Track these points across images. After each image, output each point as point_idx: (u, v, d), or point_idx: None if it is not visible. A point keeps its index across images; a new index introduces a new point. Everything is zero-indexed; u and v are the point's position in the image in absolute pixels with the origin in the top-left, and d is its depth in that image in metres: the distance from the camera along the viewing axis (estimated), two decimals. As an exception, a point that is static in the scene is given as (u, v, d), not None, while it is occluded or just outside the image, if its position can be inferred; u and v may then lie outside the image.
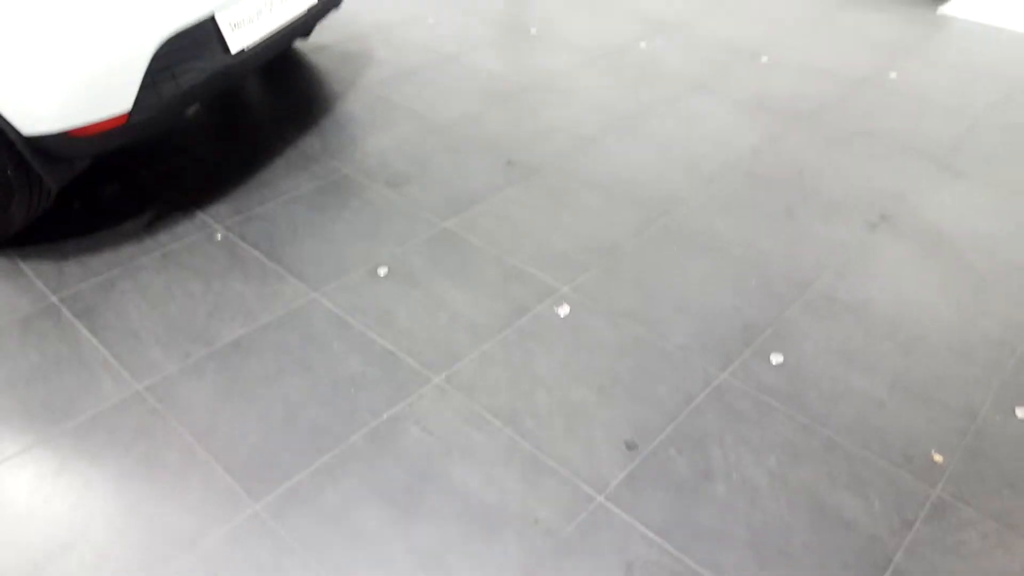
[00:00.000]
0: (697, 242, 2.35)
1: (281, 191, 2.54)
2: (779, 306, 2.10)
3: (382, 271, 2.20)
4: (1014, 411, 1.81)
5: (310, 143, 2.82)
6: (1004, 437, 1.75)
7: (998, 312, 2.10)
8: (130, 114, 2.09)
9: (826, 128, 2.99)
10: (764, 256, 2.29)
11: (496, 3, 4.17)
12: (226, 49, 2.33)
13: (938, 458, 1.70)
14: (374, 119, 3.01)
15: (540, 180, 2.64)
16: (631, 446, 1.70)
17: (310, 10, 2.70)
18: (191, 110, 2.98)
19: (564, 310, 2.07)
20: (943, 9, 4.14)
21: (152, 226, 2.36)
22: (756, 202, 2.54)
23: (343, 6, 3.15)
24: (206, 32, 2.25)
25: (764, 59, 3.54)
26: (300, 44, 3.53)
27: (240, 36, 2.37)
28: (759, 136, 2.93)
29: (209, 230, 2.35)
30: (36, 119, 1.95)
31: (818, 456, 1.69)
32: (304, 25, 2.75)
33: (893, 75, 3.40)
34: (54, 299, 2.08)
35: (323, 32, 3.55)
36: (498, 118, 3.04)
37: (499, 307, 2.08)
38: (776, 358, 1.93)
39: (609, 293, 2.14)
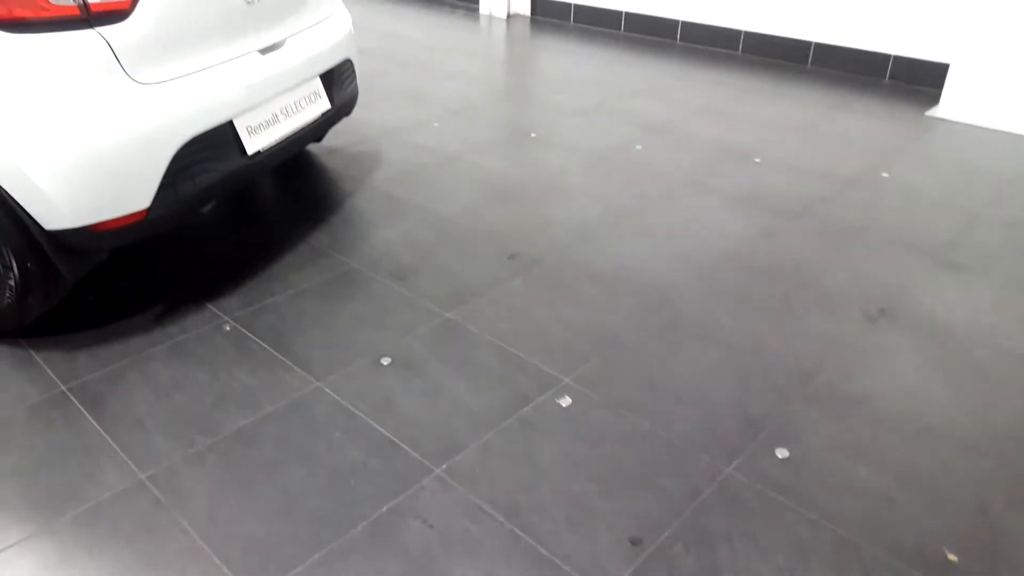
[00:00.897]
0: (697, 333, 2.38)
1: (290, 284, 2.60)
2: (782, 399, 2.11)
3: (385, 361, 2.23)
4: (1025, 505, 1.79)
5: (319, 238, 2.90)
6: (1019, 535, 1.71)
7: (1004, 405, 2.10)
8: (149, 210, 2.18)
9: (821, 224, 3.07)
10: (765, 348, 2.31)
11: (498, 111, 4.38)
12: (243, 151, 2.44)
13: (952, 558, 1.66)
14: (380, 215, 3.11)
15: (541, 272, 2.70)
16: (636, 542, 1.67)
17: (323, 115, 2.85)
18: (207, 206, 3.08)
19: (566, 401, 2.08)
20: (931, 112, 4.32)
21: (162, 318, 2.41)
22: (754, 294, 2.59)
23: (353, 113, 3.32)
24: (224, 135, 2.37)
25: (757, 160, 3.68)
26: (313, 146, 3.69)
27: (257, 140, 2.49)
28: (755, 230, 3.01)
29: (218, 322, 2.39)
30: (59, 215, 2.04)
31: (828, 554, 1.65)
32: (317, 130, 2.90)
33: (885, 174, 3.52)
34: (63, 388, 2.10)
35: (335, 136, 3.72)
36: (499, 213, 3.13)
37: (501, 397, 2.09)
38: (782, 452, 1.92)
39: (611, 384, 2.15)
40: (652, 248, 2.88)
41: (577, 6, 6.16)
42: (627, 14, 5.88)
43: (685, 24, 5.60)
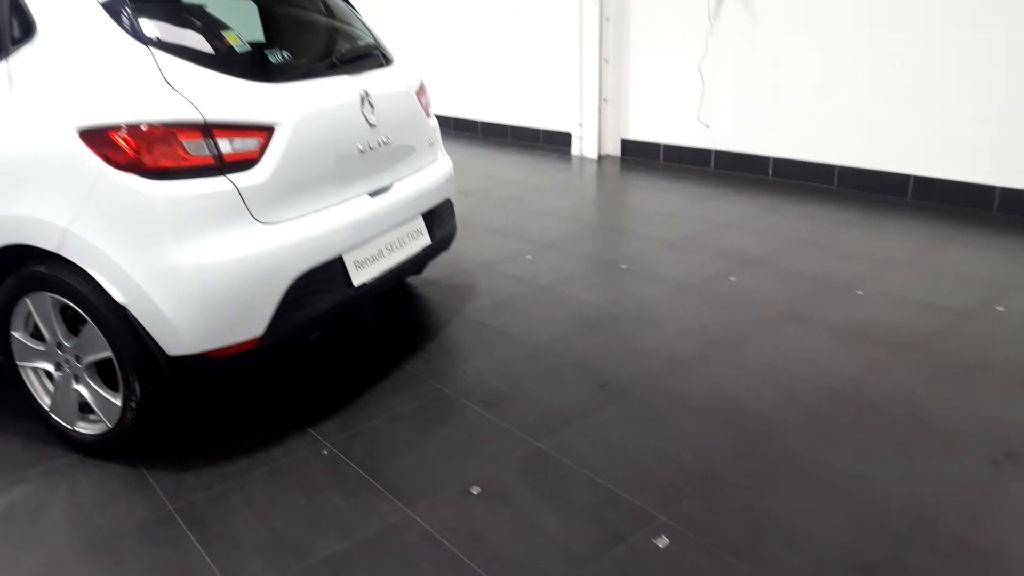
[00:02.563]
0: (804, 472, 2.25)
1: (385, 409, 2.67)
2: (902, 547, 1.93)
3: (475, 490, 2.21)
4: None
5: (416, 364, 2.99)
6: None
7: None
8: (261, 338, 2.33)
9: (933, 359, 2.91)
10: (878, 491, 2.15)
11: (589, 244, 4.51)
12: (349, 283, 2.61)
13: None
14: (474, 343, 3.19)
15: (634, 402, 2.66)
16: None
17: (424, 250, 3.02)
18: (314, 335, 3.25)
19: (663, 541, 1.98)
20: (1044, 244, 4.13)
21: (266, 440, 2.50)
22: (864, 432, 2.44)
23: (452, 247, 3.50)
24: (334, 269, 2.55)
25: (859, 292, 3.58)
26: (412, 278, 3.88)
27: (362, 273, 2.66)
28: (860, 365, 2.88)
29: (317, 446, 2.46)
30: (181, 342, 2.21)
31: None
32: (418, 263, 3.07)
33: (1000, 308, 3.34)
34: (170, 508, 2.19)
35: (433, 269, 3.91)
36: (590, 343, 3.15)
37: (593, 533, 2.02)
38: (903, 606, 1.75)
39: (711, 524, 2.04)
40: (751, 381, 2.80)
41: (667, 146, 6.39)
42: (717, 152, 6.05)
43: (777, 160, 5.69)
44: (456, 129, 8.15)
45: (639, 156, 6.63)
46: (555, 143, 7.23)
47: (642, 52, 6.36)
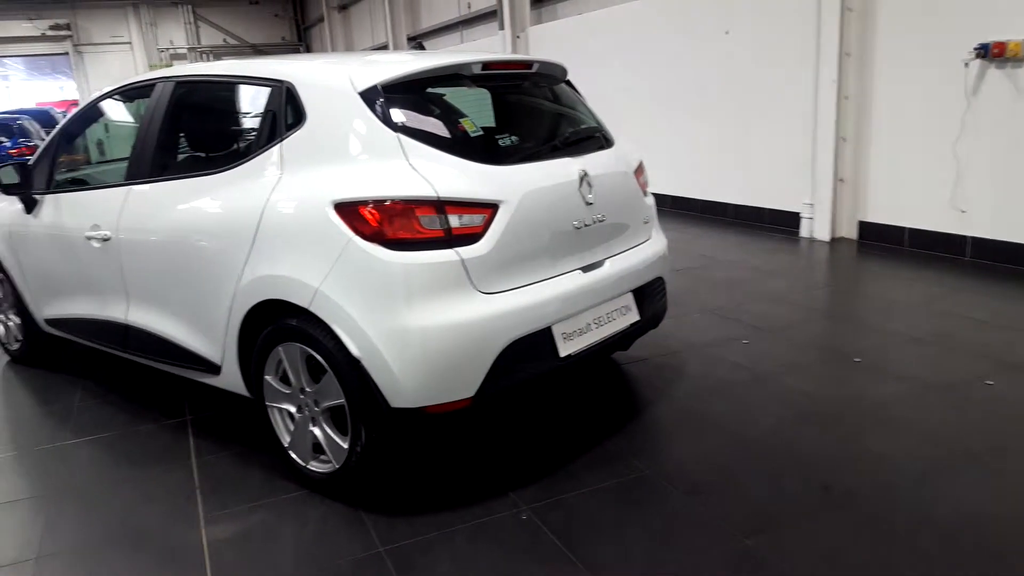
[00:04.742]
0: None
1: (584, 483, 2.65)
2: None
3: (671, 581, 2.11)
4: None
5: (616, 442, 2.95)
6: None
7: None
8: (472, 399, 2.46)
9: None
10: None
11: (816, 333, 4.20)
12: (555, 354, 2.67)
13: None
14: (679, 427, 3.08)
15: (862, 510, 2.39)
16: None
17: (632, 326, 3.01)
18: (515, 401, 3.36)
19: (883, 671, 1.73)
20: None
21: (468, 496, 2.60)
22: None
23: (661, 326, 3.44)
24: (542, 339, 2.63)
25: None
26: (618, 354, 3.86)
27: (569, 344, 2.72)
28: None
29: (516, 509, 2.51)
30: (404, 396, 2.40)
31: None
32: (625, 339, 3.07)
33: None
34: (381, 549, 2.34)
35: (641, 346, 3.86)
36: (813, 440, 2.90)
37: (800, 650, 1.82)
38: None
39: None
40: (1014, 503, 2.39)
41: (913, 230, 5.83)
42: (974, 239, 5.39)
43: (1049, 249, 4.94)
44: (673, 207, 8.11)
45: (879, 240, 6.10)
46: (781, 223, 6.91)
47: (884, 130, 5.93)
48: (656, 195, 3.58)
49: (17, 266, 3.92)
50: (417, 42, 14.87)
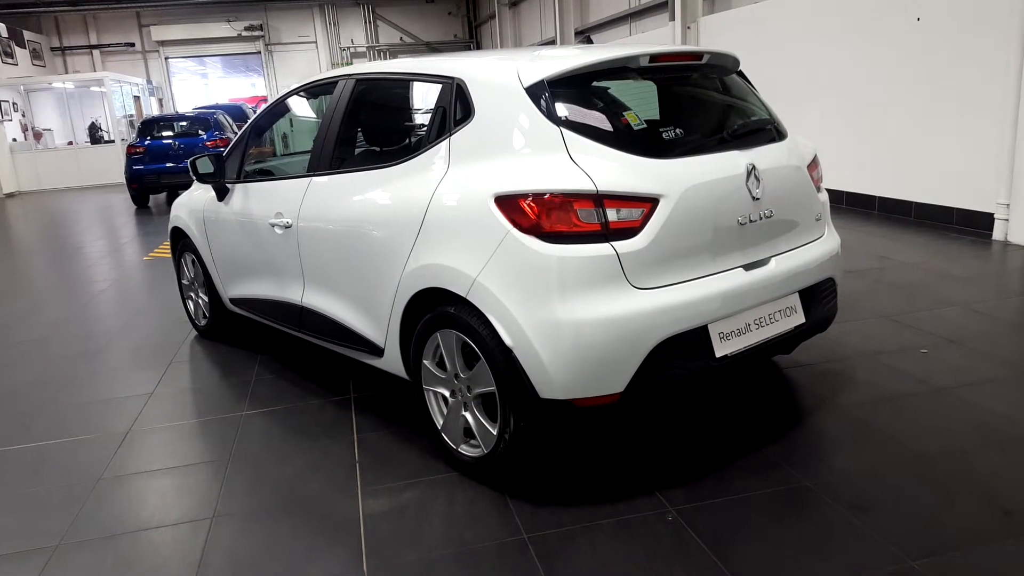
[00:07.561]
0: None
1: (735, 489, 2.56)
2: None
3: (829, 601, 1.99)
4: None
5: (773, 449, 2.82)
6: None
7: None
8: (621, 395, 2.44)
9: None
10: None
11: (1007, 345, 3.78)
12: (711, 354, 2.58)
13: None
14: (843, 439, 2.89)
15: (1054, 549, 2.14)
16: None
17: (796, 329, 2.85)
18: (671, 399, 3.29)
19: None
20: None
21: (614, 492, 2.59)
22: None
23: (829, 330, 3.23)
24: (697, 338, 2.55)
25: None
26: (779, 357, 3.68)
27: (726, 345, 2.62)
28: None
29: (662, 510, 2.47)
30: (553, 387, 2.42)
31: None
32: (787, 342, 2.91)
33: None
34: (525, 536, 2.39)
35: (805, 351, 3.65)
36: (996, 462, 2.62)
37: None
38: None
39: None
40: None
41: None
42: None
43: None
44: (848, 204, 7.57)
45: (1090, 245, 5.38)
46: (971, 224, 6.25)
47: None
48: (830, 191, 3.36)
49: (208, 249, 4.34)
50: (585, 36, 14.86)
